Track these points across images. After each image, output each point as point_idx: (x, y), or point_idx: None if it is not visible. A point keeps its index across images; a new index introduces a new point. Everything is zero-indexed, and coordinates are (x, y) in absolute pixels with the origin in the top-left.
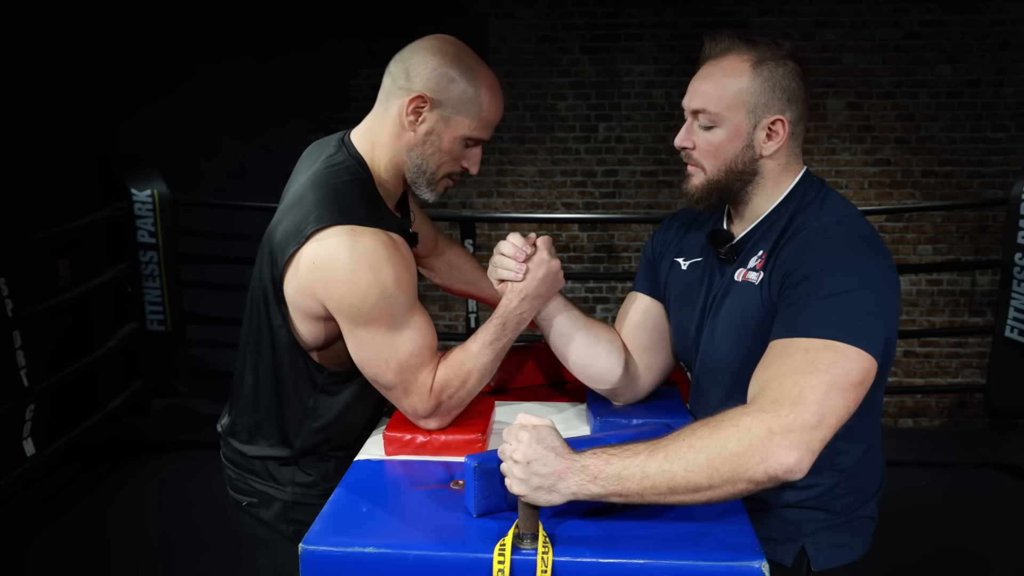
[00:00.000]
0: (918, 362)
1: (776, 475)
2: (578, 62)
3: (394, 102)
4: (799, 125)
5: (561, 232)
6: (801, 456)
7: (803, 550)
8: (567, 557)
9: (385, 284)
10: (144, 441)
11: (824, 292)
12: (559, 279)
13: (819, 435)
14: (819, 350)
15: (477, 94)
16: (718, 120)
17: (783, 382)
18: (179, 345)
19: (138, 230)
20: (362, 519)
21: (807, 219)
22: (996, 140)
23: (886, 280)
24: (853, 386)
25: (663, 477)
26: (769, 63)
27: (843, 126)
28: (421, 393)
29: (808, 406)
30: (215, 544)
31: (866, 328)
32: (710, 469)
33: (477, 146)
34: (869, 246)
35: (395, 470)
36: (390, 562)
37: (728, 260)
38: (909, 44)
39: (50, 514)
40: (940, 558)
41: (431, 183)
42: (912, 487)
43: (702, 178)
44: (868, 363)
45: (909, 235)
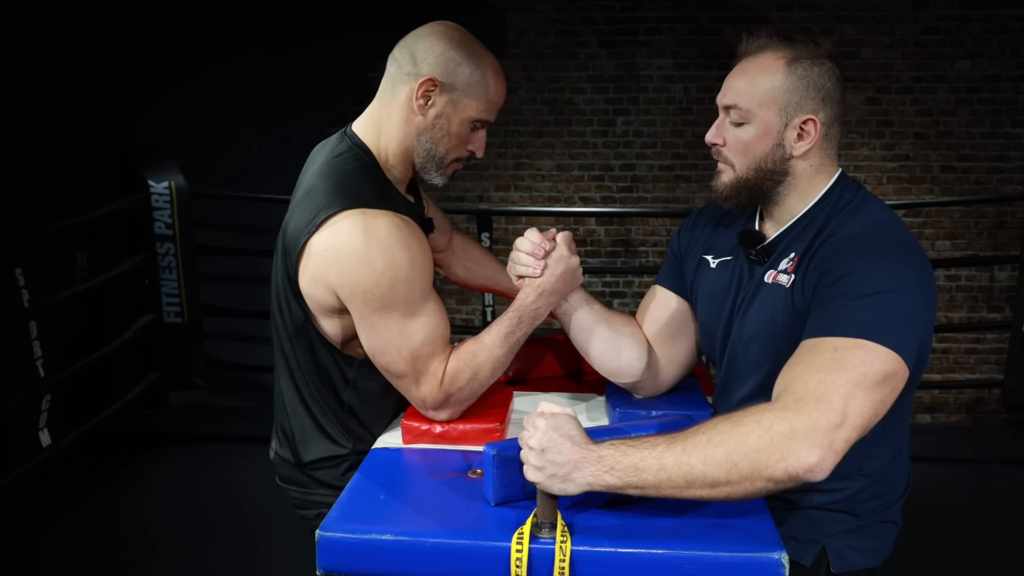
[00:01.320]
0: (936, 358)
1: (797, 474)
2: (596, 56)
3: (402, 88)
4: (833, 127)
5: (578, 226)
6: (823, 456)
7: (823, 551)
8: (585, 547)
9: (400, 267)
10: (160, 433)
11: (858, 292)
12: (577, 276)
13: (843, 435)
14: (848, 348)
15: (484, 76)
16: (748, 117)
17: (808, 380)
18: (196, 337)
19: (155, 222)
20: (379, 507)
21: (843, 222)
22: (1015, 136)
23: (924, 287)
24: (880, 386)
25: (680, 470)
26: (804, 61)
27: (862, 121)
28: (432, 384)
29: (832, 405)
30: (231, 535)
31: (899, 330)
32: (729, 464)
33: (482, 129)
34: (908, 251)
35: (412, 459)
36: (407, 550)
37: (759, 261)
38: (929, 39)
39: (66, 505)
40: (958, 553)
41: (440, 167)
42: (929, 483)
43: (731, 176)
44: (898, 365)
45: (928, 230)
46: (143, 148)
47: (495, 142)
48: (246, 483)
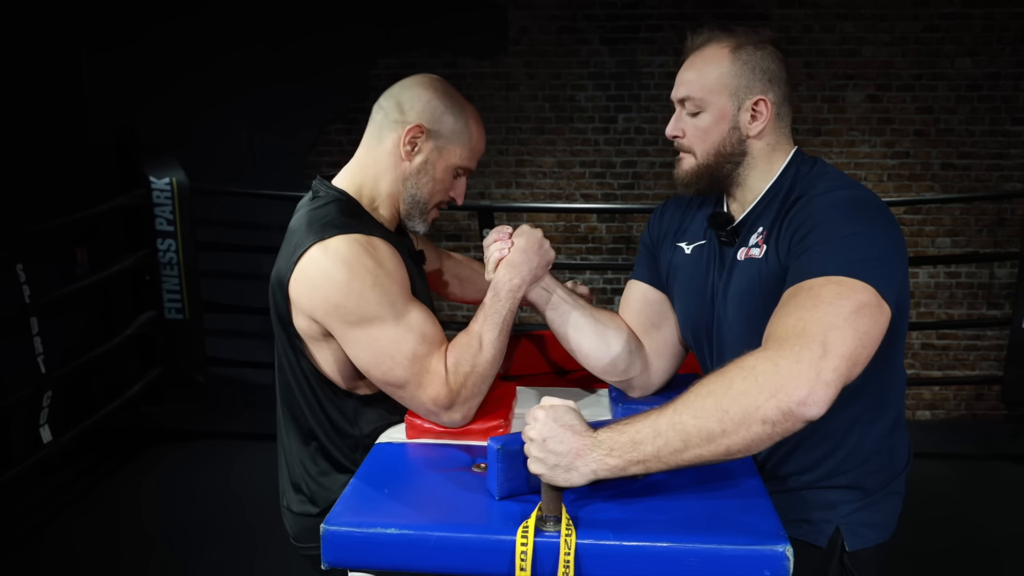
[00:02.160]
0: (936, 354)
1: (789, 409)
2: (598, 53)
3: (388, 135)
4: (784, 106)
5: (580, 223)
6: (812, 387)
7: (837, 531)
8: (590, 540)
9: (364, 276)
10: (161, 429)
11: (830, 238)
12: (544, 247)
13: (829, 364)
14: (822, 286)
15: (467, 125)
16: (703, 105)
17: (787, 320)
18: (197, 334)
19: (156, 218)
20: (384, 501)
21: (806, 187)
22: (1015, 133)
23: (893, 235)
24: (858, 315)
25: (675, 431)
26: (748, 47)
27: (862, 118)
28: (436, 383)
29: (813, 337)
30: (231, 532)
31: (872, 268)
32: (719, 412)
33: (463, 177)
34: (875, 207)
35: (416, 453)
36: (411, 543)
37: (729, 243)
38: (929, 37)
39: (67, 501)
40: (957, 549)
41: (423, 213)
42: (930, 479)
43: (692, 162)
44: (874, 297)
45: (928, 227)
46: (144, 144)
47: (497, 139)
48: (246, 480)
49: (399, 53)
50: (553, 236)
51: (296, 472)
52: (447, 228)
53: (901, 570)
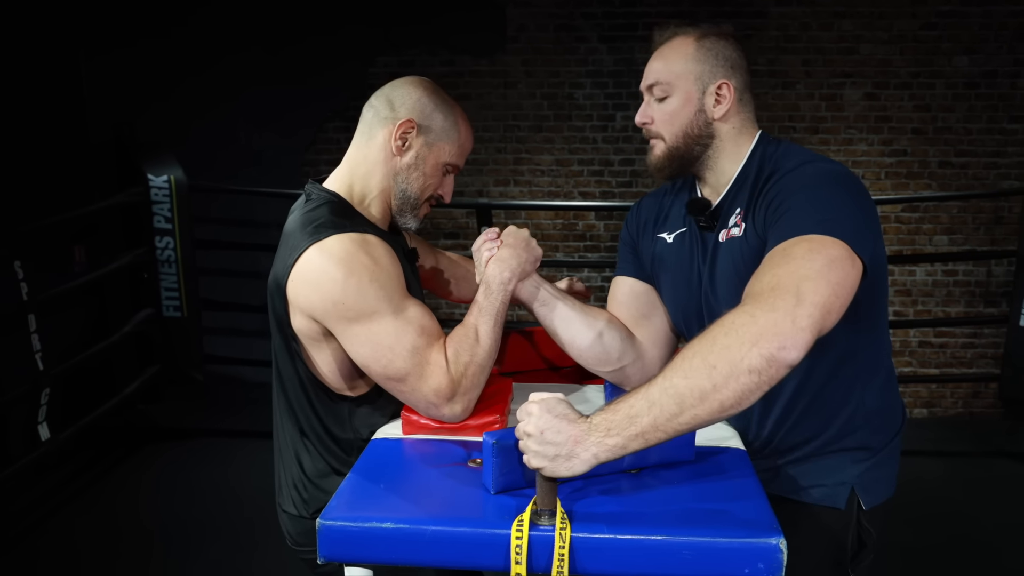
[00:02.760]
0: (933, 352)
1: (772, 355)
2: (596, 51)
3: (379, 132)
4: (745, 93)
5: (578, 221)
6: (791, 331)
7: (853, 491)
8: (585, 533)
9: (360, 272)
10: (159, 427)
11: (801, 203)
12: (532, 245)
13: (804, 311)
14: (793, 245)
15: (456, 123)
16: (670, 89)
17: (762, 279)
18: (195, 332)
19: (154, 216)
20: (380, 495)
21: (777, 164)
22: (1012, 131)
23: (862, 201)
24: (830, 268)
25: (667, 395)
26: (711, 37)
27: (860, 116)
28: (438, 373)
29: (786, 288)
30: (229, 530)
31: (843, 223)
32: (707, 368)
33: (451, 175)
34: (841, 175)
35: (412, 449)
36: (407, 537)
37: (709, 227)
38: (927, 35)
39: (65, 499)
40: (954, 546)
41: (414, 208)
42: (927, 476)
43: (662, 147)
44: (845, 250)
45: (925, 225)
46: (142, 142)
47: (495, 137)
48: (244, 478)
49: (397, 51)
50: (551, 234)
51: (292, 474)
52: (445, 226)
53: (899, 566)
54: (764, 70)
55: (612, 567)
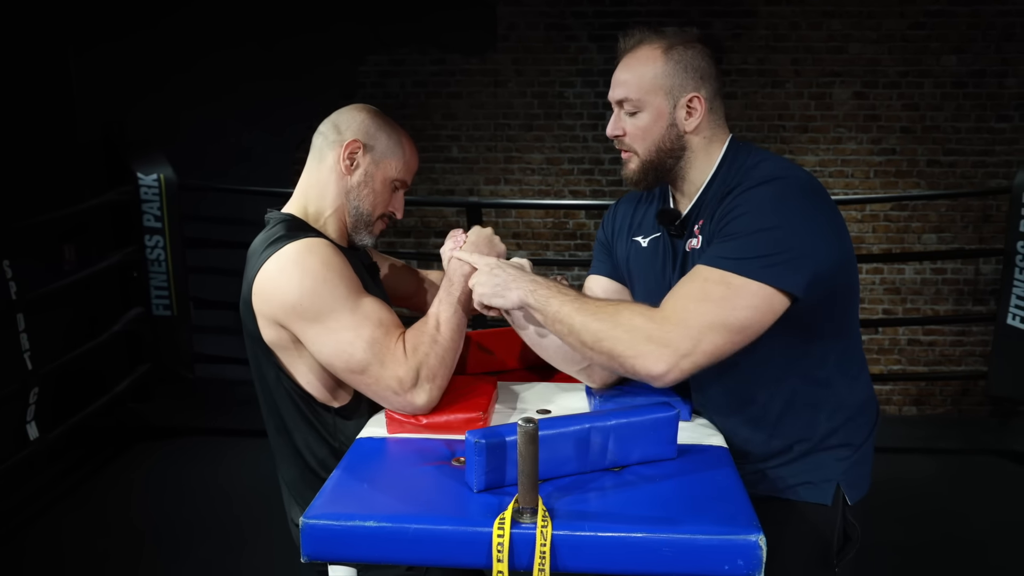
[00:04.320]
0: (922, 350)
1: (641, 374)
2: (586, 50)
3: (328, 154)
4: (715, 100)
5: (568, 219)
6: (667, 371)
7: (838, 487)
8: (566, 531)
9: (315, 271)
10: (149, 426)
11: (743, 231)
12: (495, 241)
13: (690, 361)
14: (715, 282)
15: (400, 141)
16: (640, 105)
17: (676, 303)
18: (185, 330)
19: (144, 214)
20: (363, 494)
21: (740, 178)
22: (1000, 130)
23: (813, 220)
24: (741, 314)
25: (567, 320)
26: (679, 47)
27: (849, 115)
28: (397, 358)
29: (689, 332)
30: (219, 529)
31: (774, 265)
32: (595, 339)
33: (400, 191)
34: (801, 192)
35: (397, 448)
36: (390, 536)
37: (679, 235)
38: (915, 34)
39: (54, 499)
40: (943, 544)
41: (368, 225)
42: (915, 474)
43: (637, 161)
44: (765, 296)
45: (914, 224)
46: (132, 140)
47: (485, 136)
48: (234, 477)
49: (388, 50)
50: (541, 232)
51: (293, 487)
52: (435, 224)
53: (887, 565)
54: (753, 69)
55: (593, 564)
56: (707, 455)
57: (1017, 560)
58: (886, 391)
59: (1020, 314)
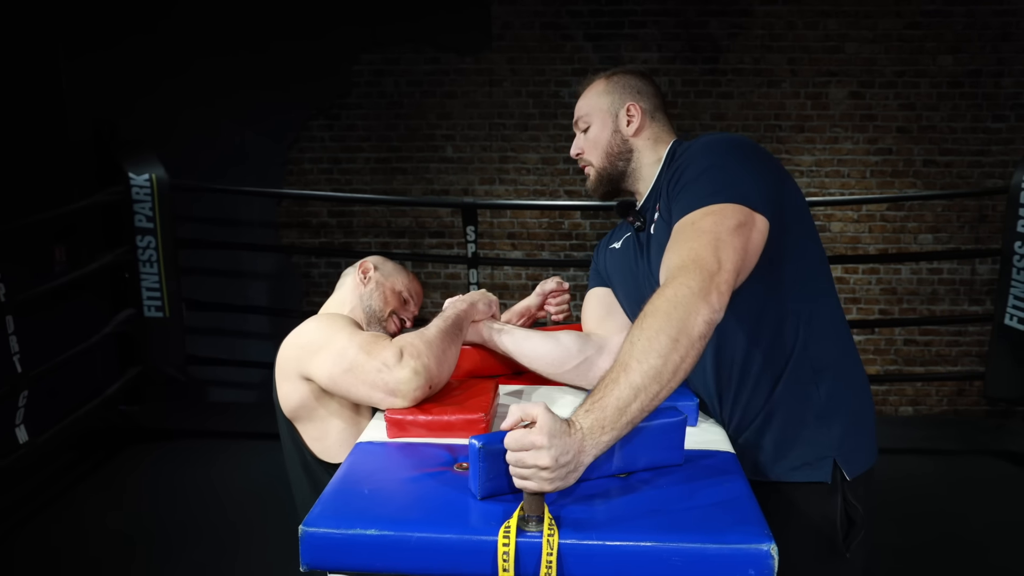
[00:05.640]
0: (918, 350)
1: (712, 320)
2: (581, 49)
3: (348, 278)
4: (657, 112)
5: (564, 219)
6: (718, 298)
7: (835, 463)
8: (573, 540)
9: (325, 322)
10: (141, 428)
11: (693, 175)
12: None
13: (723, 278)
14: (700, 218)
15: (401, 270)
16: (590, 120)
17: (681, 251)
18: (177, 331)
19: (136, 215)
20: (364, 501)
21: (681, 151)
22: (996, 130)
23: (748, 156)
24: (736, 233)
25: (649, 378)
26: (618, 74)
27: (845, 115)
28: (382, 346)
29: (706, 259)
30: (212, 532)
31: (736, 186)
32: (674, 343)
33: (409, 304)
34: (729, 140)
35: (397, 453)
36: (392, 545)
37: (641, 225)
38: (911, 34)
39: (45, 501)
40: (939, 544)
41: (380, 321)
42: (912, 474)
43: (594, 171)
44: (745, 214)
45: (910, 224)
46: (123, 140)
47: (480, 135)
48: (228, 479)
49: (383, 50)
50: (537, 233)
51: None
52: (430, 225)
53: (885, 565)
54: (749, 68)
55: (601, 574)
56: (715, 461)
57: (1015, 560)
58: (882, 391)
59: (1018, 314)
